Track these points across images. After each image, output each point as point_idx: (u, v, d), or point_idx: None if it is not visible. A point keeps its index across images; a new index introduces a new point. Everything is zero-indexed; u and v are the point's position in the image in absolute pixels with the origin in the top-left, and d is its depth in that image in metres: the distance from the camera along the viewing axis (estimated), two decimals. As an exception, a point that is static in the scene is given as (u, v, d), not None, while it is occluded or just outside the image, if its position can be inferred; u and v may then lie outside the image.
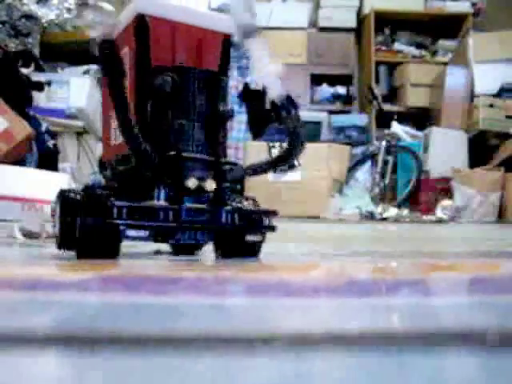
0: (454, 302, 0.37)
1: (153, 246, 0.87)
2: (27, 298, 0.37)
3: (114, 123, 0.75)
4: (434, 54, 4.62)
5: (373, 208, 3.33)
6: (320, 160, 3.74)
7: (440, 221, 3.10)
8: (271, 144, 3.75)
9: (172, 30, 0.72)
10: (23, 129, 2.42)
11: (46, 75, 3.17)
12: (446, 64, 4.22)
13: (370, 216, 3.27)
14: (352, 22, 4.64)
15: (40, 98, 3.03)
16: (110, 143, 0.80)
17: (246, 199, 0.78)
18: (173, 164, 0.70)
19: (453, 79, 3.93)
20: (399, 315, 0.32)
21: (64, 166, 2.87)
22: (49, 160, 2.69)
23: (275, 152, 0.82)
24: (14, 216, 1.67)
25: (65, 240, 0.75)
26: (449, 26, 4.53)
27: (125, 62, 0.72)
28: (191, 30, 0.73)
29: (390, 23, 4.60)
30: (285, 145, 0.78)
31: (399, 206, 3.39)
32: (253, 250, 0.77)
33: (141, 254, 0.88)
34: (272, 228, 0.76)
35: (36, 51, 3.20)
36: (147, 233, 0.70)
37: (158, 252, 0.85)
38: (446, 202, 3.23)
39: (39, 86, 2.94)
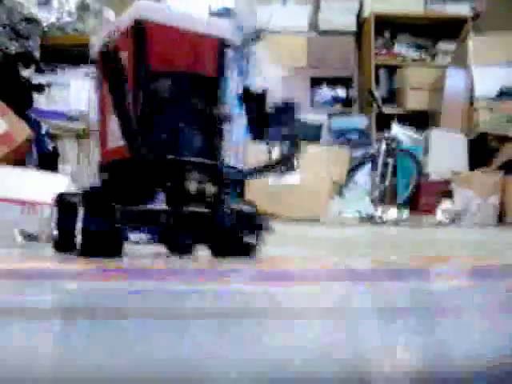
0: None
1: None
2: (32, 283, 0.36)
3: (111, 126, 0.76)
4: (434, 56, 4.62)
5: (372, 211, 3.33)
6: (320, 163, 3.73)
7: (440, 224, 3.10)
8: (271, 146, 3.75)
9: (169, 35, 0.73)
10: (23, 131, 2.42)
11: (46, 77, 3.17)
12: (445, 67, 4.22)
13: (370, 219, 3.27)
14: (352, 25, 4.64)
15: (40, 101, 3.04)
16: (106, 147, 0.81)
17: (246, 203, 0.81)
18: (172, 168, 0.70)
19: (452, 82, 3.93)
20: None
21: (64, 168, 2.87)
22: (48, 162, 2.70)
23: (275, 154, 0.85)
24: (14, 218, 1.66)
25: (63, 242, 0.78)
26: (449, 29, 4.54)
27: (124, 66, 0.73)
28: (188, 35, 0.74)
29: (390, 26, 4.60)
30: (283, 148, 0.82)
31: (399, 209, 3.38)
32: (247, 251, 0.79)
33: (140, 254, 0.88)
34: (270, 231, 0.78)
35: (36, 54, 3.20)
36: (149, 236, 0.74)
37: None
38: (445, 205, 3.23)
39: (39, 88, 2.95)
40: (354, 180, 3.77)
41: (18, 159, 2.41)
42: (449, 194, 3.31)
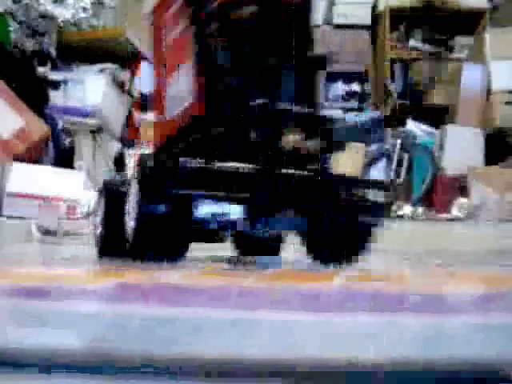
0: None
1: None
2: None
3: (173, 90, 0.62)
4: (450, 50, 4.57)
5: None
6: (334, 158, 3.72)
7: (455, 219, 3.07)
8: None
9: None
10: (40, 128, 2.45)
11: (61, 74, 3.20)
12: (462, 61, 4.17)
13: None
14: (367, 19, 4.61)
15: (56, 97, 3.07)
16: (164, 120, 0.64)
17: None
18: (263, 117, 0.51)
19: (469, 76, 3.88)
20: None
21: (79, 164, 2.90)
22: (64, 158, 2.73)
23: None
24: (31, 213, 1.69)
25: (110, 244, 0.60)
26: (465, 22, 4.48)
27: None
28: None
29: (405, 19, 4.56)
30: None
31: (414, 204, 3.36)
32: (357, 249, 0.57)
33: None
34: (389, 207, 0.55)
35: (52, 51, 3.23)
36: (237, 209, 0.50)
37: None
38: (461, 201, 3.20)
39: (55, 85, 2.98)
40: (369, 175, 3.75)
41: (35, 156, 2.44)
42: (464, 190, 3.28)
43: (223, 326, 0.33)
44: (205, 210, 0.52)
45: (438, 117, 4.16)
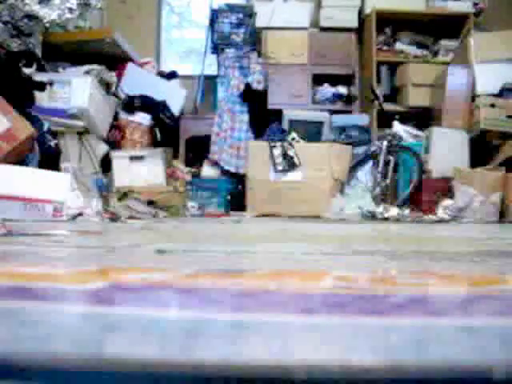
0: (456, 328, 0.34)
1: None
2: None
3: None
4: (436, 53, 4.61)
5: (374, 208, 3.33)
6: (321, 160, 3.74)
7: (441, 221, 3.10)
8: (272, 143, 3.75)
9: None
10: (25, 129, 2.43)
11: (47, 75, 3.18)
12: (447, 64, 4.21)
13: (371, 216, 3.27)
14: (353, 22, 4.64)
15: (42, 98, 3.04)
16: None
17: None
18: None
19: (454, 79, 3.92)
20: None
21: (65, 165, 2.88)
22: (50, 160, 2.70)
23: (276, 151, 0.93)
24: (16, 215, 1.67)
25: None
26: (450, 26, 4.53)
27: None
28: None
29: (392, 23, 4.60)
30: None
31: (400, 206, 3.38)
32: None
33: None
34: None
35: (38, 51, 3.21)
36: None
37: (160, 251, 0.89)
38: (447, 202, 3.23)
39: (41, 86, 2.96)
40: (356, 177, 3.77)
41: (20, 157, 2.41)
42: (450, 191, 3.31)
43: (219, 328, 0.33)
44: None
45: (424, 119, 4.20)
